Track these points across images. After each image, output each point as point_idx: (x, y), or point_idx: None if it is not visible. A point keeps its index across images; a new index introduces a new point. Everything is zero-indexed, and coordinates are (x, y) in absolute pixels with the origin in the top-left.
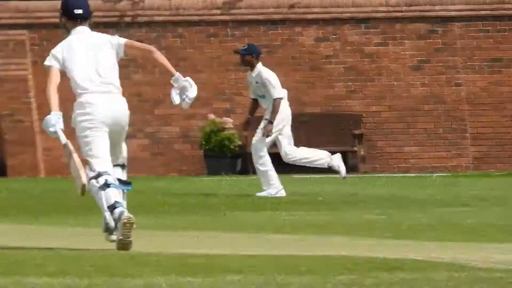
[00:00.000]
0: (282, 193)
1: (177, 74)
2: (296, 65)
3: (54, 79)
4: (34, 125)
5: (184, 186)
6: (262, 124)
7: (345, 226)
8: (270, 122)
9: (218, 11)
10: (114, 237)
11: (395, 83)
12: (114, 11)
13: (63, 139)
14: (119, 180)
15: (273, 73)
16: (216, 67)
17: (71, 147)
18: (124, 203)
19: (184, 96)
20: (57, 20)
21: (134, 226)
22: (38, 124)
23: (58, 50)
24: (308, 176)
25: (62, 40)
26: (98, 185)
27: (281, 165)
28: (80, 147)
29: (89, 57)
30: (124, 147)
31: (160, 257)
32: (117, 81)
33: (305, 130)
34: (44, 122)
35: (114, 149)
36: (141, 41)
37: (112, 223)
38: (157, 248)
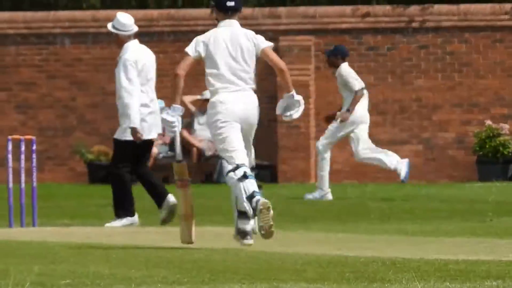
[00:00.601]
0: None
1: (293, 91)
2: None
3: (186, 67)
4: (310, 131)
5: (454, 192)
6: None
7: None
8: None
9: (506, 16)
10: (248, 241)
11: None
12: (403, 16)
13: (180, 154)
14: None
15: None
16: (499, 72)
17: (186, 174)
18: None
19: (288, 113)
20: (343, 25)
21: (271, 211)
22: (314, 130)
23: (207, 37)
24: None
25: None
26: (236, 177)
27: None
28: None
29: (230, 52)
30: (252, 149)
31: (421, 263)
32: (251, 78)
33: None
34: (163, 118)
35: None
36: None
37: (250, 212)
38: (419, 254)
